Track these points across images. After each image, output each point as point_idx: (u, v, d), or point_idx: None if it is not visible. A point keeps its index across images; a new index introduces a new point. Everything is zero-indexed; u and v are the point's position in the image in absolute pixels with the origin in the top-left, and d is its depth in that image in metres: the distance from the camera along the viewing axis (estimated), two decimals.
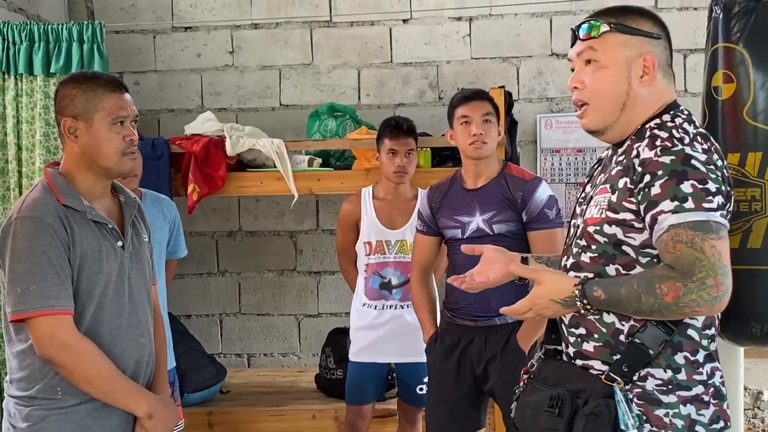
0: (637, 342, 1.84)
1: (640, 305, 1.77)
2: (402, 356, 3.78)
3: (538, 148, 5.01)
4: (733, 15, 2.80)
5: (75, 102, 2.25)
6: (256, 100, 5.22)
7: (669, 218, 1.75)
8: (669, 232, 1.75)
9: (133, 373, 2.29)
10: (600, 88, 1.95)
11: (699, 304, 1.72)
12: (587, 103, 1.97)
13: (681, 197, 1.75)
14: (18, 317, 2.15)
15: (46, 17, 4.87)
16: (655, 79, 1.94)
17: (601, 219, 1.90)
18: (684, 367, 1.85)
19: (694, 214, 1.74)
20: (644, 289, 1.76)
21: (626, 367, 1.85)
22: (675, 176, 1.76)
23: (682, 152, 1.79)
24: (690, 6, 4.89)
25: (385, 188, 3.81)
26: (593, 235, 1.91)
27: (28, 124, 4.20)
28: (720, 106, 2.84)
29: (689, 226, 1.73)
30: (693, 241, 1.73)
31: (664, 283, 1.74)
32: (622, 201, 1.86)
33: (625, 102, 1.94)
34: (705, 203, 1.75)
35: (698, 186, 1.75)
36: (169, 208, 3.56)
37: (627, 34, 1.94)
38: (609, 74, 1.94)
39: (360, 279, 3.84)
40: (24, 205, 2.21)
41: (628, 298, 1.78)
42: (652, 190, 1.78)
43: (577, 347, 1.96)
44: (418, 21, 5.12)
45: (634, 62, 1.93)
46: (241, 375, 5.09)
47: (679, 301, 1.73)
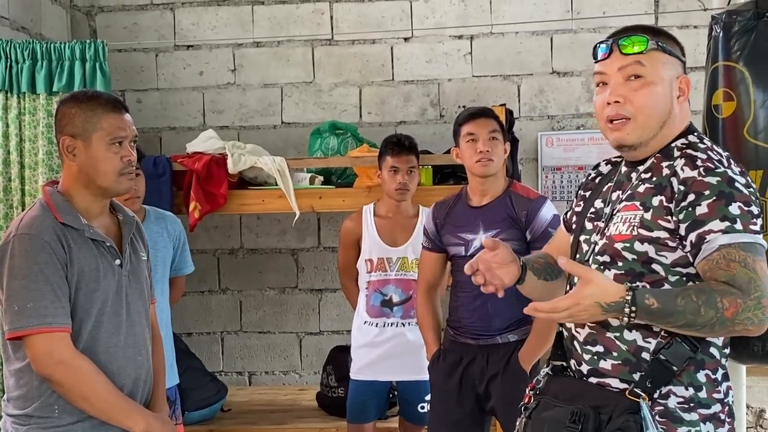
0: (662, 358, 1.84)
1: (697, 318, 1.74)
2: (403, 374, 3.77)
3: (539, 166, 5.02)
4: (733, 34, 2.81)
5: (74, 121, 2.26)
6: (258, 118, 5.23)
7: (720, 238, 1.77)
8: (720, 251, 1.76)
9: (131, 392, 2.28)
10: (647, 104, 1.93)
11: (753, 323, 1.74)
12: (629, 118, 1.94)
13: (731, 218, 1.77)
14: (15, 335, 2.15)
15: (49, 36, 4.90)
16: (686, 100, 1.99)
17: (632, 236, 1.88)
18: (705, 385, 1.87)
19: (744, 235, 1.77)
20: (704, 301, 1.74)
21: (650, 383, 1.84)
22: (723, 197, 1.78)
23: (726, 174, 1.81)
24: (690, 24, 4.90)
25: (387, 206, 3.81)
26: (621, 252, 1.90)
27: (31, 143, 4.21)
28: (720, 124, 2.85)
29: (741, 247, 1.76)
30: (746, 261, 1.75)
31: (726, 298, 1.73)
32: (657, 219, 1.86)
33: (666, 120, 1.94)
34: (752, 225, 1.79)
35: (745, 208, 1.79)
36: (174, 225, 3.55)
37: (668, 55, 1.96)
38: (657, 91, 1.93)
39: (361, 297, 3.83)
40: (22, 223, 2.21)
41: (685, 309, 1.75)
42: (698, 209, 1.80)
43: (593, 365, 1.95)
44: (419, 39, 5.14)
45: (674, 82, 1.95)
46: (242, 393, 5.07)
47: (736, 318, 1.73)
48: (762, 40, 2.78)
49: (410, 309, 3.70)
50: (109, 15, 5.25)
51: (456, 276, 3.31)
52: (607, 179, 2.11)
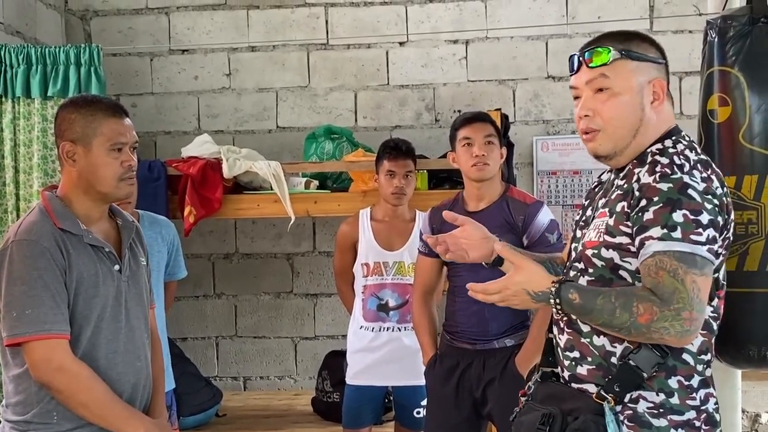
0: (631, 363, 1.83)
1: (612, 319, 1.77)
2: (399, 379, 3.76)
3: (534, 171, 5.02)
4: (729, 39, 2.81)
5: (74, 126, 2.25)
6: (253, 123, 5.23)
7: (655, 244, 1.76)
8: (654, 258, 1.75)
9: (130, 397, 2.27)
10: (615, 115, 1.93)
11: (669, 333, 1.73)
12: (599, 130, 1.95)
13: (671, 225, 1.75)
14: (14, 341, 2.14)
15: (44, 40, 4.89)
16: (663, 104, 1.96)
17: (599, 243, 1.90)
18: (677, 391, 1.85)
19: (680, 244, 1.75)
20: (621, 304, 1.76)
21: (618, 387, 1.84)
22: (669, 204, 1.77)
23: (680, 180, 1.79)
24: (685, 29, 4.92)
25: (384, 210, 3.81)
26: (591, 258, 1.91)
27: (26, 147, 4.20)
28: (716, 129, 2.85)
29: (674, 255, 1.74)
30: (676, 271, 1.73)
31: (642, 303, 1.74)
32: (618, 225, 1.86)
33: (638, 128, 1.93)
34: (693, 235, 1.75)
35: (690, 216, 1.76)
36: (168, 229, 3.54)
37: (636, 60, 1.93)
38: (624, 101, 1.93)
39: (357, 301, 3.83)
40: (21, 228, 2.20)
41: (603, 308, 1.78)
42: (645, 215, 1.79)
43: (571, 371, 1.96)
44: (414, 44, 5.14)
45: (645, 88, 1.93)
46: (237, 398, 5.06)
47: (651, 325, 1.73)
48: (757, 45, 2.78)
49: (406, 314, 3.70)
50: (104, 19, 5.25)
51: (453, 281, 3.31)
52: (602, 188, 2.10)
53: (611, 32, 2.01)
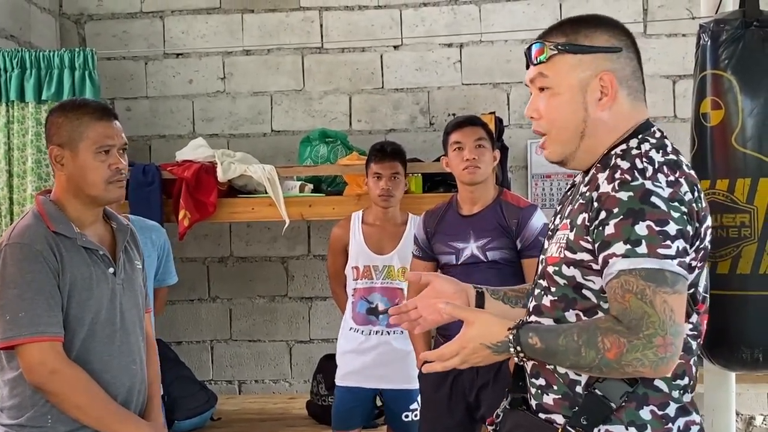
0: (597, 393, 1.63)
1: (579, 359, 1.57)
2: (388, 382, 3.74)
3: (528, 174, 5.03)
4: (721, 42, 2.83)
5: (61, 130, 2.26)
6: (248, 126, 5.23)
7: (619, 263, 1.55)
8: (619, 279, 1.54)
9: (125, 401, 2.27)
10: (555, 117, 1.74)
11: (643, 364, 1.52)
12: (545, 134, 1.76)
13: (634, 240, 1.54)
14: (7, 344, 2.14)
15: (38, 44, 4.88)
16: (616, 99, 1.71)
17: (559, 259, 1.69)
18: (650, 423, 1.63)
19: (646, 260, 1.53)
20: (585, 341, 1.55)
21: (585, 420, 1.64)
22: (631, 215, 1.55)
23: (641, 187, 1.57)
24: (678, 33, 4.93)
25: (375, 213, 3.81)
26: (553, 276, 1.71)
27: (20, 151, 4.20)
28: (709, 132, 2.86)
29: (641, 274, 1.53)
30: (644, 292, 1.52)
31: (607, 337, 1.53)
32: (579, 240, 1.65)
33: (583, 130, 1.72)
34: (661, 249, 1.54)
35: (655, 228, 1.54)
36: (158, 234, 3.52)
37: (579, 54, 1.71)
38: (563, 101, 1.72)
39: (348, 303, 3.82)
40: (14, 232, 2.21)
41: (567, 349, 1.57)
42: (606, 229, 1.58)
43: (538, 399, 1.75)
44: (409, 47, 5.15)
45: (590, 84, 1.71)
46: (232, 402, 5.05)
47: (622, 359, 1.52)
48: (749, 49, 2.80)
49: None
50: (99, 23, 5.24)
51: None
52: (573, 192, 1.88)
53: (563, 21, 1.80)
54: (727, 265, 2.78)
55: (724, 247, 2.79)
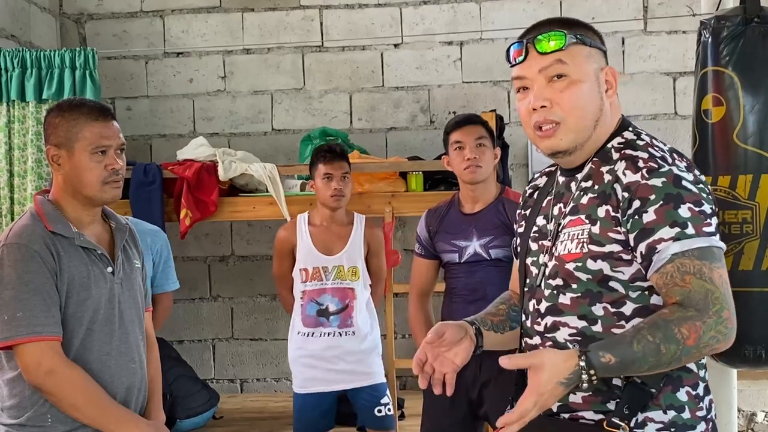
0: (637, 381, 1.64)
1: (660, 357, 1.56)
2: (350, 382, 3.69)
3: (529, 171, 5.03)
4: (722, 39, 2.83)
5: (58, 130, 2.26)
6: (249, 125, 5.23)
7: (671, 247, 1.58)
8: (673, 263, 1.58)
9: (124, 400, 2.27)
10: (577, 105, 1.72)
11: (718, 340, 1.56)
12: (558, 122, 1.73)
13: (681, 223, 1.58)
14: (5, 344, 2.14)
15: (39, 44, 4.88)
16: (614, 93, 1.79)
17: (582, 254, 1.69)
18: (687, 404, 1.67)
19: (697, 240, 1.58)
20: (662, 338, 1.55)
21: (627, 409, 1.64)
22: (671, 200, 1.60)
23: (671, 172, 1.63)
24: (679, 30, 4.92)
25: (321, 215, 3.76)
26: (573, 273, 1.70)
27: (20, 151, 4.20)
28: (710, 129, 2.86)
29: (694, 254, 1.58)
30: (701, 271, 1.57)
31: (683, 326, 1.55)
32: (606, 232, 1.66)
33: (598, 119, 1.75)
34: (705, 227, 1.60)
35: (695, 209, 1.60)
36: (155, 238, 3.46)
37: (589, 47, 1.76)
38: (585, 89, 1.73)
39: (296, 307, 3.75)
40: (11, 232, 2.21)
41: (645, 353, 1.56)
42: (645, 216, 1.61)
43: (562, 401, 1.69)
44: (409, 46, 5.15)
45: (600, 76, 1.76)
46: (233, 400, 5.06)
47: (701, 342, 1.55)
48: (750, 46, 2.79)
49: (347, 318, 3.66)
50: (99, 23, 5.25)
51: (450, 282, 3.31)
52: (545, 192, 1.90)
53: (552, 19, 1.82)
54: (729, 261, 2.78)
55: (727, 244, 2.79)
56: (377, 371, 3.70)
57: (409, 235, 5.04)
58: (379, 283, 3.83)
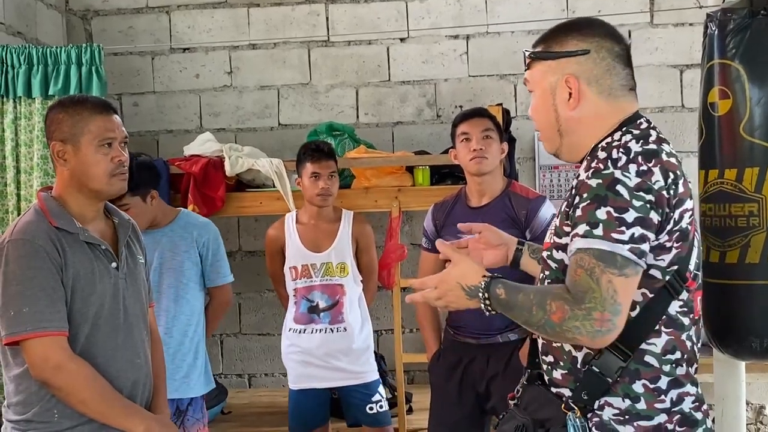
0: (595, 369, 1.78)
1: (530, 316, 1.73)
2: (341, 380, 3.73)
3: (536, 165, 5.02)
4: (728, 32, 2.81)
5: (62, 126, 2.27)
6: (255, 120, 5.23)
7: (578, 242, 1.71)
8: (576, 255, 1.71)
9: (130, 394, 2.28)
10: (536, 117, 1.96)
11: (581, 333, 1.67)
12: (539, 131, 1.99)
13: (593, 223, 1.70)
14: (11, 340, 2.16)
15: (45, 40, 4.89)
16: (584, 99, 1.87)
17: (550, 244, 1.87)
18: (644, 396, 1.78)
19: (600, 242, 1.68)
20: (537, 301, 1.72)
21: (585, 394, 1.79)
22: (596, 201, 1.71)
23: (611, 176, 1.72)
24: (685, 22, 4.91)
25: (309, 213, 3.80)
26: (547, 260, 1.88)
27: (27, 147, 4.21)
28: (717, 122, 2.85)
29: (594, 254, 1.68)
30: (593, 270, 1.68)
31: (555, 301, 1.70)
32: (563, 225, 1.82)
33: (558, 128, 1.91)
34: (614, 233, 1.68)
35: (613, 214, 1.69)
36: (202, 232, 3.43)
37: (548, 60, 1.90)
38: (539, 104, 1.93)
39: (290, 304, 3.80)
40: (16, 228, 2.22)
41: (522, 305, 1.74)
42: (577, 212, 1.75)
43: (549, 375, 1.90)
44: (415, 40, 5.14)
45: (558, 86, 1.88)
46: (242, 395, 5.08)
47: (563, 324, 1.68)
48: (757, 38, 2.78)
49: (338, 314, 3.69)
50: (105, 19, 5.25)
51: None
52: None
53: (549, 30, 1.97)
54: (736, 254, 2.77)
55: (733, 237, 2.78)
56: (369, 369, 3.74)
57: (416, 229, 5.03)
58: (371, 279, 3.87)
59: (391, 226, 4.21)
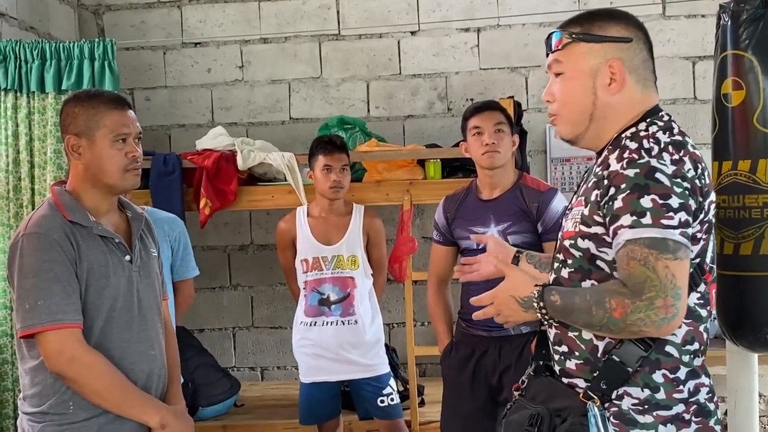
0: (615, 359, 1.78)
1: (591, 318, 1.74)
2: (352, 373, 3.75)
3: (548, 158, 5.01)
4: (742, 22, 2.81)
5: (77, 120, 2.28)
6: (266, 114, 5.24)
7: (626, 233, 1.70)
8: (625, 248, 1.70)
9: (144, 386, 2.29)
10: (567, 100, 1.91)
11: (646, 324, 1.68)
12: (557, 115, 1.94)
13: (639, 212, 1.70)
14: (27, 332, 2.17)
15: (57, 35, 4.91)
16: (624, 86, 1.88)
17: (575, 233, 1.84)
18: (663, 386, 1.79)
19: (650, 230, 1.69)
20: (595, 301, 1.72)
21: (604, 384, 1.79)
22: (637, 190, 1.71)
23: (647, 165, 1.73)
24: (698, 13, 4.89)
25: (320, 205, 3.81)
26: (569, 249, 1.86)
27: (41, 142, 4.23)
28: (730, 113, 2.84)
29: (644, 243, 1.68)
30: (646, 259, 1.67)
31: (613, 298, 1.70)
32: (593, 215, 1.80)
33: (592, 112, 1.89)
34: (664, 219, 1.69)
35: (659, 201, 1.70)
36: (172, 226, 3.48)
37: (591, 42, 1.88)
38: (575, 86, 1.89)
39: (301, 297, 3.82)
40: (30, 222, 2.23)
41: (580, 308, 1.75)
42: (615, 203, 1.74)
43: (561, 365, 1.91)
44: (426, 33, 5.14)
45: (600, 70, 1.87)
46: (254, 388, 5.09)
47: (627, 318, 1.68)
48: None
49: (349, 307, 3.70)
50: (117, 13, 5.27)
51: None
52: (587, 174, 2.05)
53: (581, 14, 1.96)
54: (750, 246, 2.77)
55: (747, 228, 2.78)
56: (380, 362, 3.75)
57: (427, 222, 5.04)
58: (381, 272, 3.88)
59: (402, 219, 4.22)
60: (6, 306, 4.10)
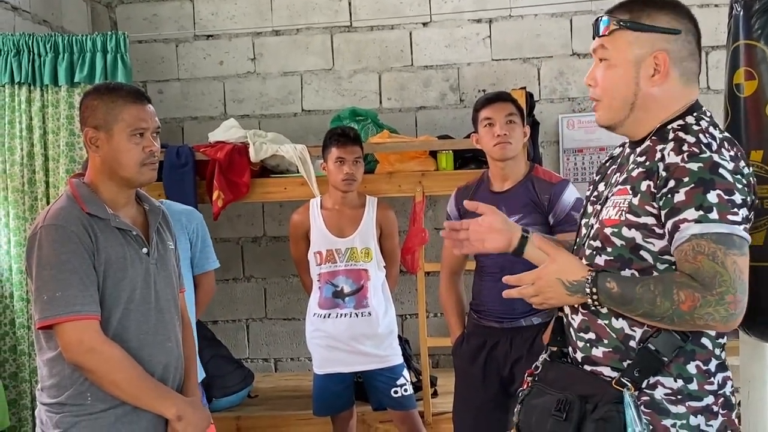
0: (651, 348, 1.78)
1: (654, 308, 1.71)
2: (366, 364, 3.76)
3: (560, 149, 5.01)
4: (754, 12, 2.79)
5: (96, 113, 2.29)
6: (279, 106, 5.25)
7: (692, 227, 1.69)
8: (690, 242, 1.69)
9: (161, 378, 2.31)
10: (609, 87, 1.89)
11: (714, 319, 1.68)
12: (598, 101, 1.93)
13: (706, 207, 1.69)
14: (45, 323, 2.18)
15: (70, 29, 4.94)
16: (668, 78, 1.87)
17: (620, 221, 1.82)
18: (696, 377, 1.80)
19: (718, 225, 1.68)
20: (661, 292, 1.70)
21: (637, 372, 1.79)
22: (702, 184, 1.70)
23: (710, 159, 1.72)
24: (711, 3, 4.87)
25: (333, 198, 3.81)
26: (610, 237, 1.84)
27: (54, 135, 4.25)
28: (742, 103, 2.83)
29: (712, 238, 1.68)
30: (715, 254, 1.67)
31: (683, 290, 1.68)
32: (644, 205, 1.78)
33: (633, 102, 1.87)
34: (730, 215, 1.69)
35: (724, 197, 1.70)
36: (190, 218, 3.45)
37: (638, 31, 1.86)
38: (617, 74, 1.87)
39: (314, 289, 3.82)
40: (49, 214, 2.24)
41: (642, 298, 1.72)
42: (676, 196, 1.72)
43: (586, 352, 1.90)
44: (437, 24, 5.13)
45: (645, 60, 1.85)
46: (268, 379, 5.12)
47: (695, 312, 1.68)
48: None
49: (362, 299, 3.71)
50: (129, 6, 5.29)
51: (480, 260, 3.32)
52: (614, 162, 2.04)
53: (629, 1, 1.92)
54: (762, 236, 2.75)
55: (759, 219, 2.76)
56: (393, 353, 3.76)
57: (439, 214, 5.05)
58: (394, 264, 3.88)
59: (414, 210, 4.22)
60: (23, 298, 4.14)
